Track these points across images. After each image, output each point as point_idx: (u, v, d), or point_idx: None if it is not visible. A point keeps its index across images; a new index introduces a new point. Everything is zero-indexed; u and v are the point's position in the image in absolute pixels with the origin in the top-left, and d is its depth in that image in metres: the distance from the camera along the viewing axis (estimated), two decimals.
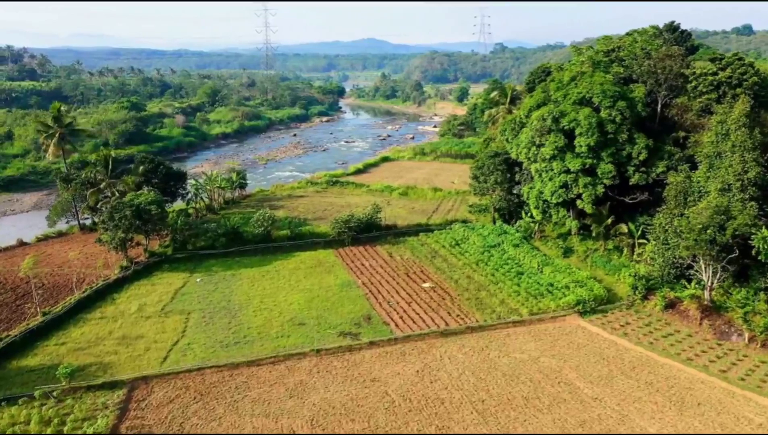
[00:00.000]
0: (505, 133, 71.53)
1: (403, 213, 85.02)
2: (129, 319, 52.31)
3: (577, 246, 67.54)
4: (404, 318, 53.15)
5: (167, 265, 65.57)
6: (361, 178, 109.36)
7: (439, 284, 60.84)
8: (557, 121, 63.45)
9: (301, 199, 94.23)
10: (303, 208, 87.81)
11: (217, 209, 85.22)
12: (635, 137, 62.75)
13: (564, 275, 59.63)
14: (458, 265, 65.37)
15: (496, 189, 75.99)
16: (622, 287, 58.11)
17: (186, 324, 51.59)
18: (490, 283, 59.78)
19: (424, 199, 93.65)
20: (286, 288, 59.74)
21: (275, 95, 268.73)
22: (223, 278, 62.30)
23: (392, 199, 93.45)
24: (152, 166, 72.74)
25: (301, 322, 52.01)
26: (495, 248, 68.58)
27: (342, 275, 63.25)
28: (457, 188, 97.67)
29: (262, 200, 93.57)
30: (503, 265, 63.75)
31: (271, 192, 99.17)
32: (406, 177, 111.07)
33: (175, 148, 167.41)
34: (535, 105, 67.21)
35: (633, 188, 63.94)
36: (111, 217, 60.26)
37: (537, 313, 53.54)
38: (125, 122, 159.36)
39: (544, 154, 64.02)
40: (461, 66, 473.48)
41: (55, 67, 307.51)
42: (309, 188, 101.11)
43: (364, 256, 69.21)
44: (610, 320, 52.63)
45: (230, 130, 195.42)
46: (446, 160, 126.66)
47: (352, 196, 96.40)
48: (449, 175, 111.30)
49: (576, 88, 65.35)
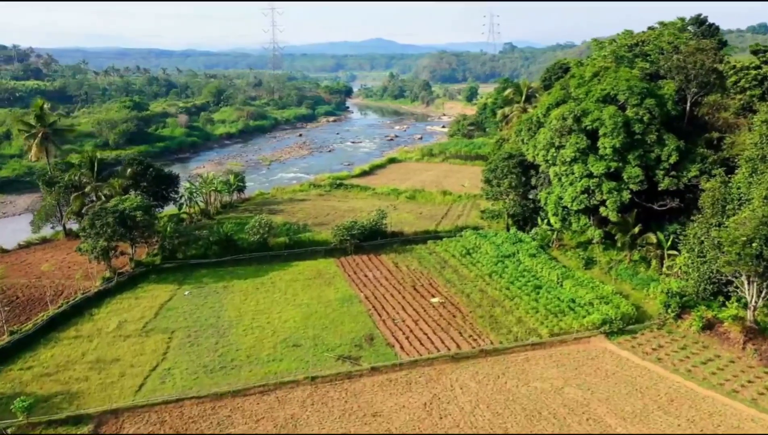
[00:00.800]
0: (521, 133, 65.84)
1: (410, 218, 79.47)
2: (106, 339, 47.06)
3: (600, 256, 61.77)
4: (411, 338, 47.61)
5: (154, 275, 60.32)
6: (366, 181, 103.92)
7: (449, 299, 55.25)
8: (579, 120, 57.76)
9: (303, 202, 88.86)
10: (304, 213, 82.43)
11: (213, 214, 80.00)
12: (665, 138, 56.96)
13: (587, 290, 53.87)
14: (470, 276, 59.78)
15: (510, 193, 70.30)
16: (652, 304, 52.27)
17: (168, 345, 46.28)
18: (505, 298, 54.12)
19: (432, 204, 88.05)
20: (281, 302, 54.35)
21: (282, 95, 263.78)
22: (213, 291, 56.98)
23: (399, 203, 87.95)
24: (141, 168, 67.56)
25: (296, 343, 46.58)
26: (509, 258, 62.92)
27: (343, 288, 57.79)
28: (467, 192, 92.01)
29: (262, 204, 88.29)
30: (519, 277, 58.09)
31: (271, 195, 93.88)
32: (413, 179, 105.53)
33: (178, 149, 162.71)
34: (554, 103, 61.49)
35: (662, 194, 58.20)
36: (92, 225, 55.10)
37: (558, 334, 47.85)
38: (126, 122, 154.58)
39: (564, 157, 58.32)
40: (470, 66, 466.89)
41: (61, 66, 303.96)
42: (311, 191, 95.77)
43: (368, 266, 63.74)
44: (640, 343, 46.85)
45: (234, 130, 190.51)
46: (455, 162, 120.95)
47: (357, 199, 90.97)
48: (459, 178, 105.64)
49: (599, 84, 59.64)
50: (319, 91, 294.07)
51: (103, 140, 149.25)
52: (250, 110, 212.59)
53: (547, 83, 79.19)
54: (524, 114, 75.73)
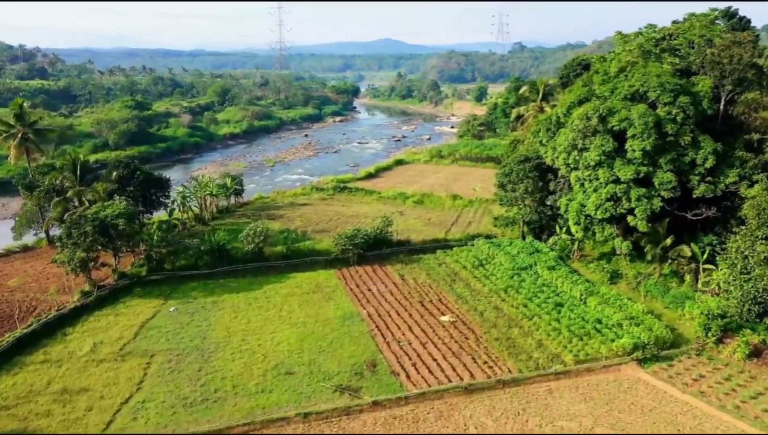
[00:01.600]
0: (539, 134, 60.15)
1: (417, 225, 73.97)
2: (77, 364, 41.87)
3: (626, 269, 56.02)
4: (418, 365, 42.14)
5: (139, 288, 55.12)
6: (371, 184, 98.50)
7: (460, 317, 49.70)
8: (604, 120, 52.04)
9: (304, 207, 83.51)
10: (305, 219, 77.09)
11: (208, 220, 74.80)
12: (700, 140, 51.13)
13: (614, 309, 48.17)
14: (483, 291, 54.22)
15: (526, 199, 64.66)
16: (689, 326, 46.48)
17: (146, 371, 41.03)
18: (523, 317, 48.51)
19: (441, 209, 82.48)
20: (275, 320, 49.00)
21: (288, 95, 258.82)
22: (201, 306, 51.71)
23: (406, 208, 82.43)
24: (128, 171, 62.42)
25: (289, 370, 41.19)
26: (526, 271, 57.30)
27: (344, 304, 52.37)
28: (478, 196, 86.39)
29: (261, 209, 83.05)
30: (538, 292, 52.47)
31: (271, 199, 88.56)
32: (421, 182, 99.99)
33: (180, 149, 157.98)
34: (577, 101, 55.76)
35: (696, 202, 52.39)
36: (68, 234, 49.99)
37: (585, 361, 42.22)
38: (127, 122, 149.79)
39: (588, 160, 52.61)
40: (479, 66, 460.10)
41: (66, 66, 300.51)
42: (314, 195, 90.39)
43: (372, 279, 58.32)
44: (678, 371, 41.15)
45: (239, 131, 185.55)
46: (465, 164, 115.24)
47: (361, 204, 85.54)
48: (469, 181, 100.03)
49: (626, 80, 53.88)
50: (326, 91, 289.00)
51: (103, 141, 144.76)
52: (255, 110, 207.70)
53: (564, 81, 73.45)
54: (541, 114, 70.04)
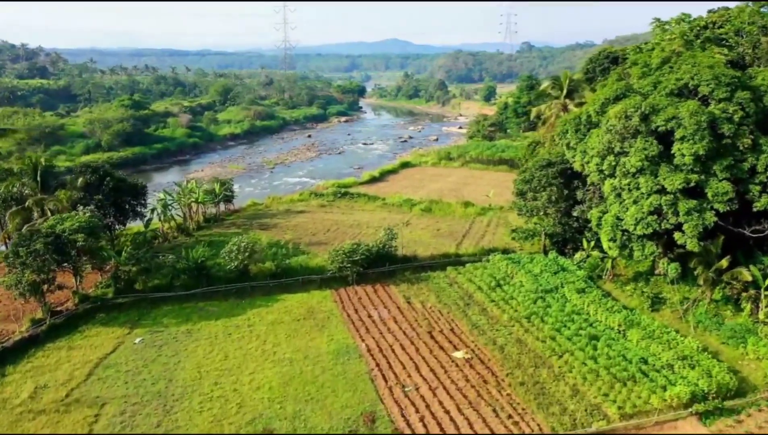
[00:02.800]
0: (566, 135, 51.81)
1: (425, 237, 65.81)
2: (8, 417, 33.93)
3: (669, 293, 47.68)
4: (426, 419, 34.00)
5: (103, 314, 47.21)
6: (375, 189, 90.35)
7: (477, 353, 41.51)
8: (647, 119, 43.72)
9: (301, 215, 75.41)
10: (300, 229, 69.02)
11: (192, 230, 66.86)
12: (761, 143, 42.74)
13: (661, 345, 39.83)
14: (502, 319, 46.02)
15: (548, 209, 56.45)
16: (755, 368, 38.16)
17: (91, 428, 33.08)
18: (552, 353, 40.29)
19: (451, 217, 74.21)
20: (256, 356, 40.99)
21: (292, 94, 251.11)
22: (173, 337, 43.74)
23: (412, 216, 74.23)
24: (95, 177, 54.63)
25: (268, 427, 33.17)
26: (552, 294, 49.05)
27: (339, 335, 44.29)
28: (492, 203, 78.14)
29: (253, 217, 75.04)
30: (567, 321, 44.26)
31: (265, 206, 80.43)
32: (429, 187, 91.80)
33: (177, 150, 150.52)
34: (612, 97, 47.35)
35: (756, 216, 44.02)
36: (15, 253, 42.18)
37: (632, 415, 34.00)
38: (122, 121, 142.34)
39: (628, 166, 44.26)
40: (486, 65, 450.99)
41: (68, 65, 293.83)
42: (312, 201, 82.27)
43: (373, 302, 50.22)
44: (749, 430, 32.84)
45: (239, 131, 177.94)
46: (476, 167, 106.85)
47: (364, 211, 77.39)
48: (481, 185, 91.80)
49: (672, 73, 45.54)
50: (331, 91, 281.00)
51: (96, 141, 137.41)
52: (257, 110, 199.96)
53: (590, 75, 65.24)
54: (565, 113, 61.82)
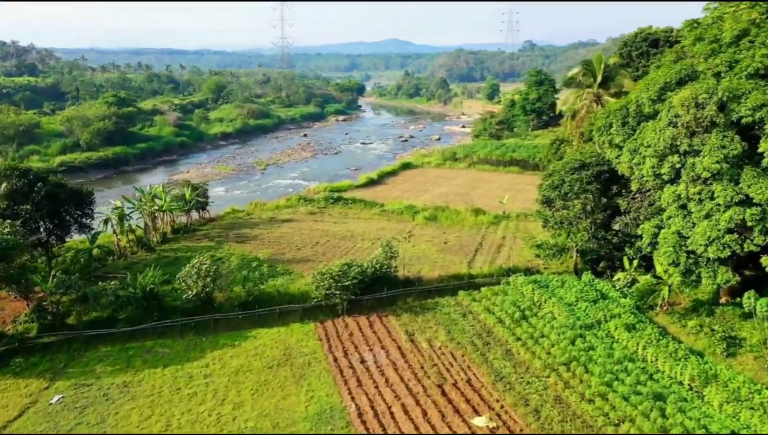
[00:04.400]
0: (609, 130, 41.04)
1: (430, 251, 55.08)
2: None
3: (744, 331, 36.96)
4: None
5: (20, 358, 36.36)
6: (373, 193, 79.58)
7: (504, 419, 30.79)
8: (725, 108, 33.08)
9: (286, 225, 64.60)
10: (284, 242, 58.23)
11: (155, 244, 56.04)
12: None
13: (756, 411, 29.13)
14: (534, 365, 35.32)
15: (580, 221, 45.71)
16: None
17: None
18: (605, 420, 29.60)
19: (460, 227, 63.37)
20: (209, 425, 30.24)
21: (289, 93, 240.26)
22: (102, 394, 32.97)
23: (414, 226, 63.44)
24: (24, 182, 43.84)
25: None
26: (594, 331, 38.33)
27: (322, 389, 33.53)
28: (506, 211, 67.41)
29: (231, 226, 64.21)
30: (619, 371, 33.55)
31: (246, 213, 69.36)
32: (433, 191, 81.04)
33: (163, 150, 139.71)
34: (674, 80, 36.67)
35: None
36: None
37: None
38: (103, 119, 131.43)
39: (699, 169, 33.58)
40: (488, 64, 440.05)
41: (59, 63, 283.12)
42: (300, 208, 71.31)
43: (367, 340, 39.47)
44: None
45: (231, 130, 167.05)
46: (484, 168, 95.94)
47: (359, 220, 66.59)
48: (491, 189, 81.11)
49: (755, 48, 34.84)
50: (329, 89, 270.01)
51: (74, 140, 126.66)
52: (251, 108, 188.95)
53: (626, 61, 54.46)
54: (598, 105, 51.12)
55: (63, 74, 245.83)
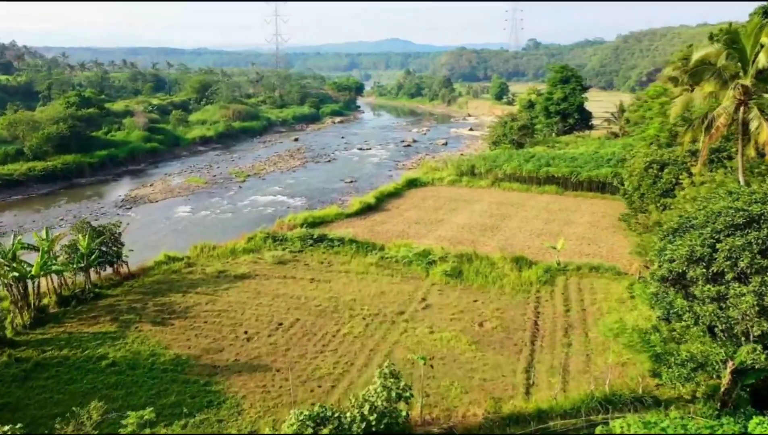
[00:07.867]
0: None
1: (458, 346, 33.15)
2: None
3: None
4: None
5: None
6: (370, 226, 57.69)
7: None
8: None
9: (240, 285, 42.59)
10: (227, 323, 36.28)
11: (20, 328, 34.17)
12: None
13: None
14: None
15: (752, 322, 23.95)
16: None
17: None
18: None
19: (499, 290, 41.31)
20: None
21: (282, 92, 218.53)
22: None
23: (431, 288, 41.54)
24: None
25: None
26: None
27: None
28: (561, 261, 45.50)
29: (156, 288, 41.99)
30: None
31: (185, 263, 46.80)
32: (450, 222, 59.21)
33: (128, 158, 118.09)
34: None
35: None
36: None
37: None
38: (57, 122, 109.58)
39: None
40: (491, 63, 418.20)
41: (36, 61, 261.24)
42: (266, 252, 49.04)
43: None
44: None
45: (212, 134, 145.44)
46: (512, 187, 73.46)
47: (348, 275, 44.51)
48: (526, 219, 59.40)
49: None
50: (325, 88, 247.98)
51: (19, 147, 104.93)
52: (237, 109, 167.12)
53: None
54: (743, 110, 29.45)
55: (42, 72, 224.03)
